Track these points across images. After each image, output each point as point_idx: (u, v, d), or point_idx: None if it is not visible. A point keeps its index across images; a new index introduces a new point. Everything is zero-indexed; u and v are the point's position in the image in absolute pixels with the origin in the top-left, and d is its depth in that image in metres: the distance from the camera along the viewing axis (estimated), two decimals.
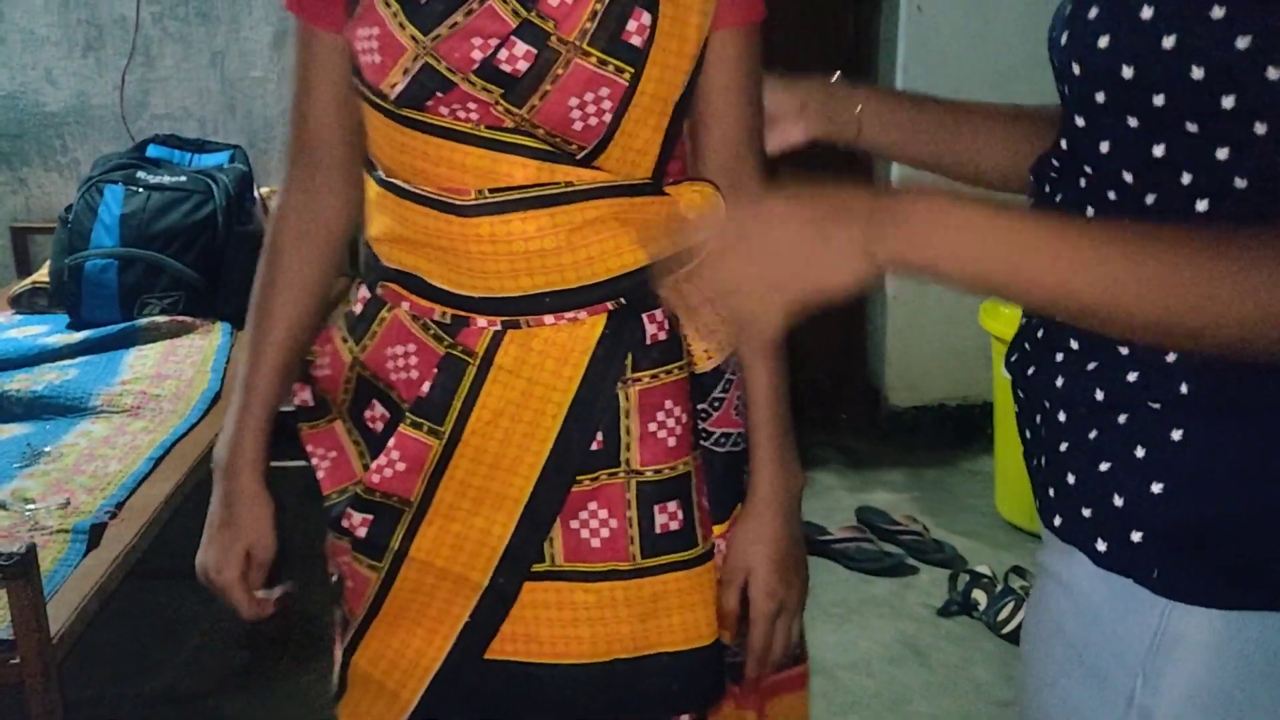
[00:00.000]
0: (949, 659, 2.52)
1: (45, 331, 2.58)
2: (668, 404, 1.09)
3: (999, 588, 2.65)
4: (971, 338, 3.21)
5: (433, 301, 1.07)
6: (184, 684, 2.45)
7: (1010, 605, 2.58)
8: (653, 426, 1.08)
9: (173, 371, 2.37)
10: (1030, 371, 0.92)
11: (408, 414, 1.08)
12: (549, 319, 1.05)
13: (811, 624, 2.67)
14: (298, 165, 1.16)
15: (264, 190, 2.97)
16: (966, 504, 3.21)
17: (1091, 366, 0.85)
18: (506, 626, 1.09)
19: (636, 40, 1.00)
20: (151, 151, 2.92)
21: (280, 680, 2.43)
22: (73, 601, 1.56)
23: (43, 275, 2.80)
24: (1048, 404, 0.90)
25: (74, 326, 2.60)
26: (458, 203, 1.03)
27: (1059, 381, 0.88)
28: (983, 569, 2.73)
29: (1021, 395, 0.95)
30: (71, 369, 2.37)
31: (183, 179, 2.73)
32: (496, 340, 1.05)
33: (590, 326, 1.06)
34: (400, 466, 1.08)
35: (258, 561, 1.19)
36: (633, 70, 1.01)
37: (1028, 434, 0.95)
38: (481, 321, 1.06)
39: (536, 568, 1.08)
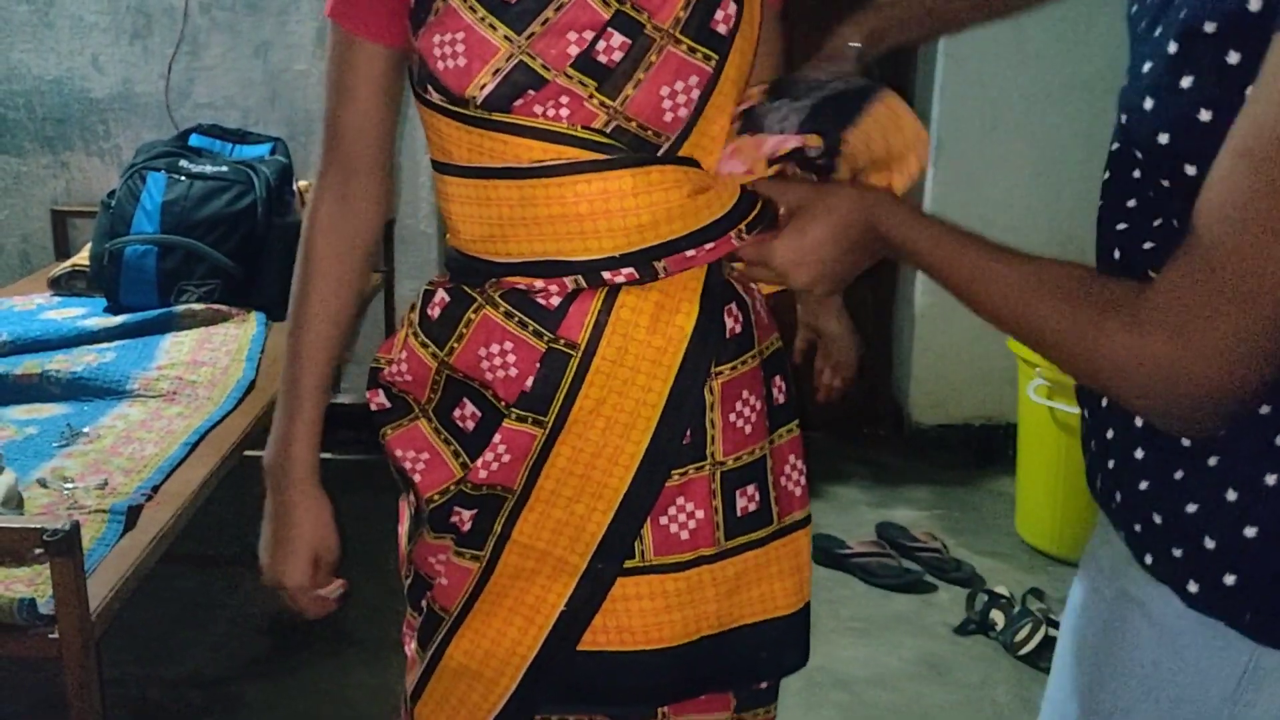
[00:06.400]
0: (969, 678, 2.52)
1: (83, 314, 2.61)
2: (744, 393, 1.13)
3: (1017, 609, 2.65)
4: (999, 359, 3.21)
5: (565, 275, 1.07)
6: (208, 668, 2.47)
7: (1028, 627, 2.57)
8: (733, 417, 1.12)
9: (208, 359, 2.39)
10: (1105, 402, 0.92)
11: (512, 409, 1.09)
12: (691, 253, 1.06)
13: (831, 637, 2.70)
14: (333, 171, 1.16)
15: (303, 183, 3.01)
16: (987, 524, 3.21)
17: None
18: (599, 620, 1.11)
19: (722, 29, 1.04)
20: (194, 141, 2.95)
21: (302, 669, 2.46)
22: (110, 580, 1.58)
23: (82, 258, 2.84)
24: (1121, 437, 0.91)
25: (111, 310, 2.63)
26: (595, 158, 1.04)
27: (1138, 420, 0.88)
28: (1001, 590, 2.73)
29: (1088, 416, 0.96)
30: (109, 352, 2.40)
31: (224, 169, 2.75)
32: (599, 331, 1.07)
33: (681, 325, 1.08)
34: (506, 459, 1.10)
35: (323, 563, 1.20)
36: (718, 57, 1.05)
37: (1087, 454, 0.96)
38: (620, 277, 1.06)
39: (628, 564, 1.10)
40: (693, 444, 1.10)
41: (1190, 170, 0.77)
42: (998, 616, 2.66)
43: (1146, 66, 0.81)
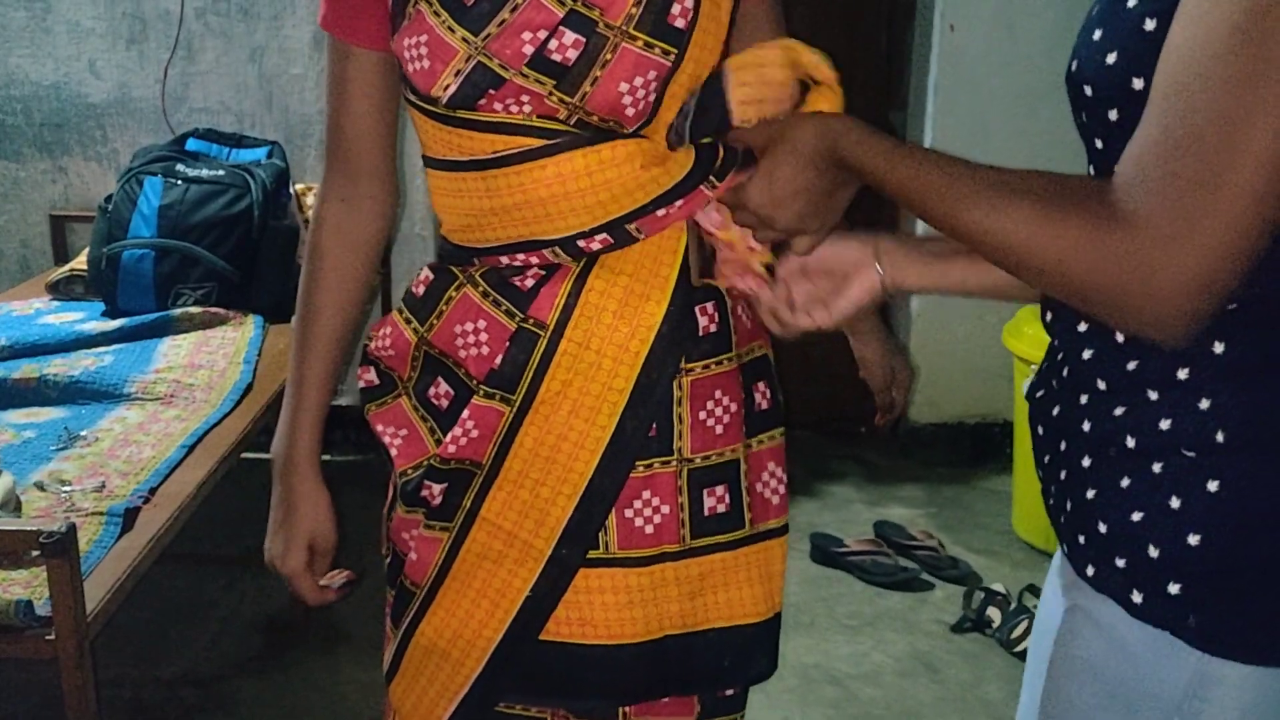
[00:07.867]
0: (960, 675, 2.53)
1: (81, 318, 2.63)
2: (717, 393, 1.14)
3: (1013, 606, 2.67)
4: (993, 357, 3.22)
5: (543, 250, 1.10)
6: (203, 667, 2.49)
7: (1024, 624, 2.59)
8: (703, 415, 1.13)
9: (205, 362, 2.41)
10: (1055, 411, 0.92)
11: (481, 386, 1.12)
12: (661, 212, 1.08)
13: (825, 634, 2.71)
14: (336, 175, 1.21)
15: (299, 186, 3.02)
16: (983, 522, 3.22)
17: (1119, 412, 0.86)
18: (561, 610, 1.13)
19: (680, 23, 1.05)
20: (191, 145, 2.97)
21: (295, 666, 2.48)
22: (107, 582, 1.60)
23: (80, 263, 2.86)
24: (1070, 446, 0.91)
25: (109, 314, 2.65)
26: (547, 142, 1.06)
27: (1085, 425, 0.88)
28: (997, 587, 2.74)
29: (1041, 431, 0.96)
30: (107, 355, 2.42)
31: (221, 173, 2.77)
32: (567, 314, 1.09)
33: (651, 313, 1.09)
34: (474, 434, 1.12)
35: (320, 551, 1.25)
36: (676, 51, 1.05)
37: (1041, 471, 0.96)
38: (596, 244, 1.08)
39: (591, 554, 1.12)
40: (659, 437, 1.12)
41: (1137, 84, 0.79)
42: (994, 614, 2.67)
43: (1095, 10, 0.84)
